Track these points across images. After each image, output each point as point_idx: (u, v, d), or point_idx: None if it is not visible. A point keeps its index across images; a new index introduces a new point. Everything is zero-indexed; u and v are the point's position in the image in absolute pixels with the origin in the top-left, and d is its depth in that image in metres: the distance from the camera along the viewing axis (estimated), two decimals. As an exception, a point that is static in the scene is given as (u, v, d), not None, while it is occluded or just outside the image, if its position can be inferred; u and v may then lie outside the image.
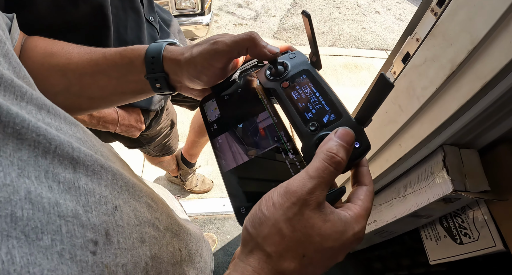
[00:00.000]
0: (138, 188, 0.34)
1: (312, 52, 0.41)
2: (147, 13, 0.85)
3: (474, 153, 0.90)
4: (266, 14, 4.06)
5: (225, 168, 0.37)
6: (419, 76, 0.74)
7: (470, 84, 0.64)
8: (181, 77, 0.41)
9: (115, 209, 0.27)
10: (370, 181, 0.34)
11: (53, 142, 0.23)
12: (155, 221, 0.35)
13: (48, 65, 0.41)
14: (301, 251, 0.27)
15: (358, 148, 0.33)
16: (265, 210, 0.28)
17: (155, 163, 1.59)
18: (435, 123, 0.73)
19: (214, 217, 1.87)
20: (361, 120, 0.34)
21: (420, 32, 0.77)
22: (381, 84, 0.28)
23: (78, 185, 0.24)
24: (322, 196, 0.28)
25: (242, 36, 0.38)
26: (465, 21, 0.63)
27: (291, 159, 0.34)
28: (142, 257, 0.30)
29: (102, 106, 0.47)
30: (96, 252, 0.23)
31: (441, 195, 0.84)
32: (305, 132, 0.36)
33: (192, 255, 0.48)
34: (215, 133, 0.41)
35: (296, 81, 0.40)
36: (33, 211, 0.19)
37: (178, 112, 1.33)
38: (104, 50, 0.42)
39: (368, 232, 1.26)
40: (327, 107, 0.36)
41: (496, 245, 0.91)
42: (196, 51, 0.39)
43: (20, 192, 0.19)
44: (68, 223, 0.21)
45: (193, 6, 2.62)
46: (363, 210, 0.31)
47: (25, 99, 0.23)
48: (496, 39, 0.59)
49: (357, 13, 4.44)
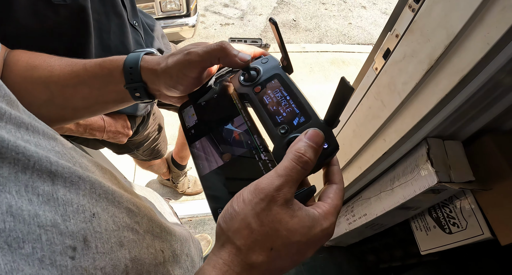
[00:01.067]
0: (118, 194, 0.35)
1: (283, 56, 0.42)
2: (131, 17, 0.84)
3: (458, 144, 0.92)
4: (253, 12, 4.06)
5: (203, 172, 0.39)
6: (399, 72, 0.76)
7: (448, 78, 0.66)
8: (158, 86, 0.42)
9: (92, 216, 0.28)
10: (340, 179, 0.36)
11: (31, 158, 0.24)
12: (134, 225, 0.37)
13: (31, 78, 0.42)
14: (269, 244, 0.29)
15: (327, 148, 0.35)
16: (236, 206, 0.30)
17: (145, 167, 1.60)
18: (417, 118, 0.74)
19: (208, 218, 1.88)
20: (329, 121, 0.35)
21: (399, 28, 0.79)
22: (342, 88, 0.30)
23: (57, 196, 0.25)
24: (289, 193, 0.29)
25: (213, 46, 0.39)
26: (441, 17, 0.64)
27: (264, 160, 0.36)
28: (122, 260, 0.31)
29: (86, 116, 0.48)
30: (74, 257, 0.24)
31: (426, 187, 0.86)
32: (276, 135, 0.37)
33: (177, 255, 0.49)
34: (193, 138, 0.42)
35: (268, 86, 0.42)
36: (14, 223, 0.21)
37: (167, 115, 1.33)
38: (85, 61, 0.43)
39: (360, 226, 1.28)
40: (297, 110, 0.38)
41: (484, 233, 0.93)
42: (171, 62, 0.40)
43: (2, 207, 0.20)
44: (48, 232, 0.23)
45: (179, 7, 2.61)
46: (331, 207, 0.32)
47: (4, 120, 0.25)
48: (472, 33, 0.61)
49: (343, 8, 4.46)
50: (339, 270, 1.75)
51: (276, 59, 0.45)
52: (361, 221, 1.27)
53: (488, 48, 0.58)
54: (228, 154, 0.38)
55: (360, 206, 1.28)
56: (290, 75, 0.43)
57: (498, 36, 0.56)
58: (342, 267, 1.76)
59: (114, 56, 0.44)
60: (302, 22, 4.03)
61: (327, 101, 0.46)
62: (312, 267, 1.75)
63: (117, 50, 0.78)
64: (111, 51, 0.77)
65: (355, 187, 1.22)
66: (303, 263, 1.74)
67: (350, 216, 1.37)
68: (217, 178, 0.37)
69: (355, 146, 1.03)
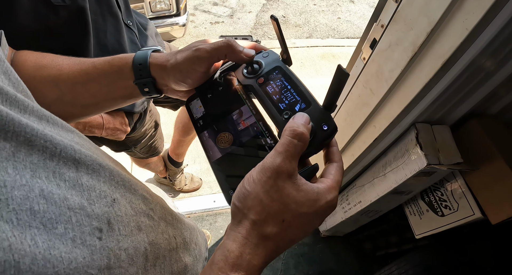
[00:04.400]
0: (133, 182, 0.38)
1: (283, 50, 0.46)
2: (125, 17, 0.86)
3: (445, 128, 0.95)
4: (242, 10, 4.07)
5: (213, 158, 0.42)
6: (385, 60, 0.79)
7: (431, 63, 0.69)
8: (167, 81, 0.45)
9: (113, 202, 0.31)
10: (339, 158, 0.38)
11: (58, 146, 0.26)
12: (149, 212, 0.39)
13: (40, 77, 0.44)
14: (280, 217, 0.32)
15: (327, 130, 0.38)
16: (247, 186, 0.33)
17: (142, 165, 1.61)
18: (404, 103, 0.78)
19: (206, 214, 1.90)
20: (328, 106, 0.38)
21: (384, 18, 0.82)
22: (339, 74, 0.33)
23: (81, 182, 0.28)
24: (291, 167, 0.32)
25: (221, 43, 0.43)
26: (422, 6, 0.68)
27: (270, 144, 0.39)
28: (141, 243, 0.33)
29: (94, 113, 0.50)
30: (101, 237, 0.27)
31: (417, 170, 0.89)
32: (280, 121, 0.41)
33: (187, 242, 0.52)
34: (201, 128, 0.45)
35: (270, 77, 0.45)
36: (47, 205, 0.23)
37: (162, 113, 1.35)
38: (93, 60, 0.45)
39: (355, 213, 1.31)
40: (298, 98, 0.41)
41: (475, 214, 0.97)
42: (180, 58, 0.43)
43: (35, 190, 0.22)
44: (77, 214, 0.25)
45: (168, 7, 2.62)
46: (334, 182, 0.35)
47: (28, 112, 0.27)
48: (451, 20, 0.64)
49: (331, 3, 4.49)
50: (337, 259, 1.79)
51: (276, 53, 0.48)
52: (356, 208, 1.30)
53: (466, 33, 0.61)
54: (236, 140, 0.42)
55: (354, 194, 1.32)
56: (290, 67, 0.46)
57: (475, 22, 0.59)
58: (340, 256, 1.80)
59: (122, 54, 0.46)
60: (292, 18, 4.05)
61: (318, 94, 0.50)
62: (311, 257, 1.78)
63: (113, 49, 0.80)
64: (108, 50, 0.79)
65: (349, 174, 1.25)
66: (302, 254, 1.77)
67: (345, 204, 1.41)
68: (226, 163, 0.40)
69: (347, 134, 1.06)
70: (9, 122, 0.22)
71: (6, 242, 0.18)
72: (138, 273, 0.31)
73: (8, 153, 0.22)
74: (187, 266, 0.48)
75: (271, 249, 0.32)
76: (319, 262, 1.77)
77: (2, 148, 0.22)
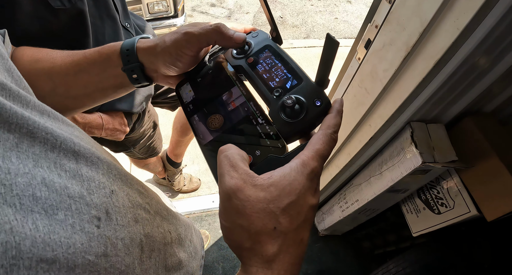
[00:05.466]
0: (130, 177, 0.39)
1: (272, 29, 0.46)
2: (123, 19, 0.88)
3: (440, 126, 0.97)
4: (240, 11, 4.08)
5: (204, 141, 0.41)
6: (380, 60, 0.80)
7: (424, 63, 0.70)
8: (156, 65, 0.44)
9: (111, 193, 0.32)
10: (328, 125, 0.35)
11: (58, 138, 0.27)
12: (146, 206, 0.40)
13: (35, 71, 0.44)
14: (269, 226, 0.29)
15: (320, 105, 0.37)
16: (223, 221, 0.32)
17: (141, 166, 1.62)
18: (398, 102, 0.79)
19: (205, 214, 1.91)
20: (320, 82, 0.38)
21: (378, 19, 0.83)
22: (329, 43, 0.32)
23: (81, 173, 0.29)
24: (239, 178, 0.31)
25: (209, 29, 0.42)
26: (415, 6, 0.69)
27: (261, 124, 0.38)
28: (137, 234, 0.34)
29: (87, 105, 0.50)
30: (100, 226, 0.27)
31: (412, 168, 0.90)
32: (271, 99, 0.40)
33: (182, 239, 0.52)
34: (191, 112, 0.45)
35: (260, 56, 0.45)
36: (48, 193, 0.24)
37: (160, 114, 1.36)
38: (84, 51, 0.46)
39: (353, 212, 1.32)
40: (289, 75, 0.41)
41: (471, 211, 0.98)
42: (169, 40, 0.42)
43: (37, 178, 0.23)
44: (76, 202, 0.26)
45: (166, 9, 2.62)
46: (311, 152, 0.32)
47: (30, 107, 0.28)
48: (443, 20, 0.65)
49: (328, 4, 4.50)
50: (336, 258, 1.80)
51: (266, 32, 0.48)
52: (354, 207, 1.31)
53: (458, 33, 0.62)
54: (227, 122, 0.41)
55: (352, 193, 1.33)
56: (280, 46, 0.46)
57: (466, 21, 0.61)
58: (339, 255, 1.81)
59: (111, 43, 0.46)
60: (289, 19, 4.07)
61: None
62: (309, 256, 1.79)
63: None
64: None
65: (345, 173, 1.26)
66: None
67: (343, 203, 1.42)
68: (218, 145, 0.39)
69: (343, 133, 1.07)
70: (12, 115, 0.23)
71: (8, 225, 0.19)
72: (134, 263, 0.32)
73: (12, 143, 0.23)
74: (182, 262, 0.49)
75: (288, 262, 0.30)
76: (318, 261, 1.78)
77: (6, 139, 0.23)
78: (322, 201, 1.65)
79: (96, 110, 0.87)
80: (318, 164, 0.32)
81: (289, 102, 0.36)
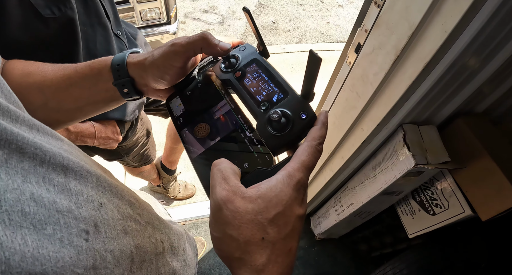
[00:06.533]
0: (120, 188, 0.39)
1: (259, 43, 0.46)
2: (114, 27, 0.88)
3: (432, 128, 0.97)
4: (232, 17, 4.10)
5: (194, 155, 0.42)
6: (370, 64, 0.81)
7: (414, 66, 0.71)
8: (146, 79, 0.45)
9: (100, 206, 0.32)
10: (313, 137, 0.35)
11: (47, 153, 0.28)
12: (136, 216, 0.40)
13: (26, 84, 0.44)
14: (257, 236, 0.30)
15: (305, 118, 0.38)
16: (214, 232, 0.32)
17: (135, 174, 1.61)
18: (389, 105, 0.80)
19: (201, 221, 1.90)
20: (305, 95, 0.38)
21: (367, 23, 0.84)
22: (311, 60, 0.33)
23: (69, 187, 0.29)
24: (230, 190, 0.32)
25: (196, 37, 0.43)
26: (403, 10, 0.70)
27: (249, 137, 0.39)
28: (127, 246, 0.34)
29: (79, 118, 0.51)
30: (88, 239, 0.28)
31: (405, 170, 0.91)
32: (258, 112, 0.41)
33: (175, 248, 0.52)
34: (182, 126, 0.46)
35: (247, 70, 0.45)
36: (37, 208, 0.24)
37: (153, 121, 1.36)
38: (75, 65, 0.46)
39: (348, 215, 1.32)
40: (275, 88, 0.42)
41: (465, 211, 0.99)
42: (157, 54, 0.43)
43: (26, 194, 0.24)
44: (65, 216, 0.26)
45: (159, 16, 2.62)
46: (297, 164, 0.33)
47: (19, 122, 0.28)
48: (430, 23, 0.66)
49: (320, 8, 4.54)
50: (333, 262, 1.80)
51: (253, 46, 0.49)
52: (349, 210, 1.31)
53: (446, 36, 0.63)
54: (216, 135, 0.42)
55: (346, 196, 1.33)
56: (267, 59, 0.47)
57: (453, 24, 0.61)
58: (336, 259, 1.81)
59: (102, 57, 0.46)
60: (281, 24, 4.09)
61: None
62: (307, 260, 1.79)
63: None
64: None
65: (340, 177, 1.27)
66: (297, 257, 1.78)
67: (338, 206, 1.42)
68: (208, 159, 0.40)
69: (336, 137, 1.08)
70: (2, 131, 0.24)
71: None
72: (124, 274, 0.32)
73: (1, 159, 0.23)
74: (176, 271, 0.49)
75: (277, 271, 0.30)
76: (315, 265, 1.78)
77: None
78: (317, 205, 1.65)
79: (88, 119, 0.87)
80: (303, 175, 0.33)
81: (275, 116, 0.37)
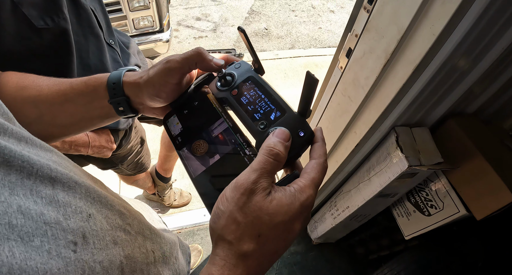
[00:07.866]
0: (110, 199, 0.39)
1: (254, 60, 0.46)
2: (107, 37, 0.88)
3: (425, 130, 0.98)
4: (225, 24, 4.13)
5: (194, 174, 0.42)
6: (361, 68, 0.82)
7: (404, 69, 0.72)
8: (141, 98, 0.45)
9: (89, 217, 0.32)
10: (319, 154, 0.37)
11: (35, 165, 0.28)
12: (126, 227, 0.40)
13: (21, 98, 0.44)
14: (256, 232, 0.32)
15: (303, 136, 0.38)
16: (221, 205, 0.33)
17: (130, 182, 1.60)
18: (381, 108, 0.80)
19: (197, 228, 1.89)
20: (302, 112, 0.39)
21: (357, 28, 0.85)
22: (309, 81, 0.34)
23: (57, 198, 0.29)
24: (266, 183, 0.33)
25: (190, 52, 0.43)
26: (392, 15, 0.71)
27: (249, 155, 0.40)
28: (117, 256, 0.34)
29: (73, 133, 0.51)
30: (76, 250, 0.28)
31: (399, 172, 0.91)
32: (256, 131, 0.41)
33: (166, 257, 0.52)
34: (181, 145, 0.45)
35: (243, 88, 0.46)
36: (24, 220, 0.24)
37: (147, 129, 1.35)
38: (71, 80, 0.46)
39: (344, 219, 1.32)
40: (272, 106, 0.42)
41: (460, 211, 0.99)
42: (152, 72, 0.43)
43: (13, 206, 0.24)
44: (52, 228, 0.26)
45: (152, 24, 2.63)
46: (307, 181, 0.34)
47: (7, 134, 0.28)
48: (419, 27, 0.67)
49: (312, 14, 4.58)
50: (331, 266, 1.79)
51: (248, 63, 0.49)
52: (345, 213, 1.32)
53: (434, 39, 0.64)
54: (215, 154, 0.42)
55: (342, 200, 1.33)
56: (262, 76, 0.47)
57: (441, 27, 0.63)
58: (334, 263, 1.80)
59: (98, 74, 0.47)
60: (274, 30, 4.12)
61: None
62: (304, 266, 1.78)
63: (96, 69, 0.81)
64: (91, 70, 0.80)
65: (335, 181, 1.27)
66: (295, 263, 1.77)
67: (334, 210, 1.42)
68: (208, 178, 0.40)
69: (330, 141, 1.08)
70: None
71: None
72: None
73: None
74: None
75: (252, 266, 0.32)
76: (313, 270, 1.77)
77: None
78: (313, 210, 1.65)
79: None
80: (313, 192, 0.34)
81: None
